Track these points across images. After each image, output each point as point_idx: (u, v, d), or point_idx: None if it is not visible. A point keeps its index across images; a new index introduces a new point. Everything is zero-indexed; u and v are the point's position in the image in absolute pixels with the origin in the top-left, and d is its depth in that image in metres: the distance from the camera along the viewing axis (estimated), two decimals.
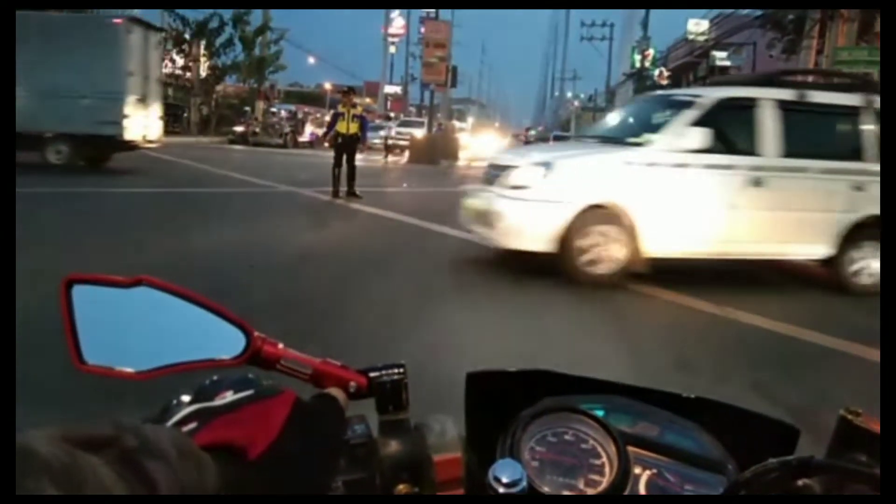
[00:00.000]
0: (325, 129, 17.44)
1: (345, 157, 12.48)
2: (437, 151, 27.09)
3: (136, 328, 0.69)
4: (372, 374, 0.77)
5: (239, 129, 29.29)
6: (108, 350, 0.69)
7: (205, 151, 22.83)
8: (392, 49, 51.21)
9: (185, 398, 0.65)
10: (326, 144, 14.14)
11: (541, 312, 5.71)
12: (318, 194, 12.68)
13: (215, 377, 0.68)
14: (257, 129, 30.16)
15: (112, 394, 1.51)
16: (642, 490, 0.81)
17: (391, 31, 48.57)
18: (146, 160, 17.18)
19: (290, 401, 0.63)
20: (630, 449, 0.83)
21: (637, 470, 0.82)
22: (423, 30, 38.07)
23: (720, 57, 37.20)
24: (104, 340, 0.69)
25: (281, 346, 0.74)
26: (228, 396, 0.62)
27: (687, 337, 5.20)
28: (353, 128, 12.48)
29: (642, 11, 47.72)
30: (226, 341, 0.71)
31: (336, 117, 13.09)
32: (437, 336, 4.71)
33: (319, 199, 12.37)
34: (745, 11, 24.91)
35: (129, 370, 0.69)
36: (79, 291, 0.68)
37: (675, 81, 47.43)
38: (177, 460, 0.42)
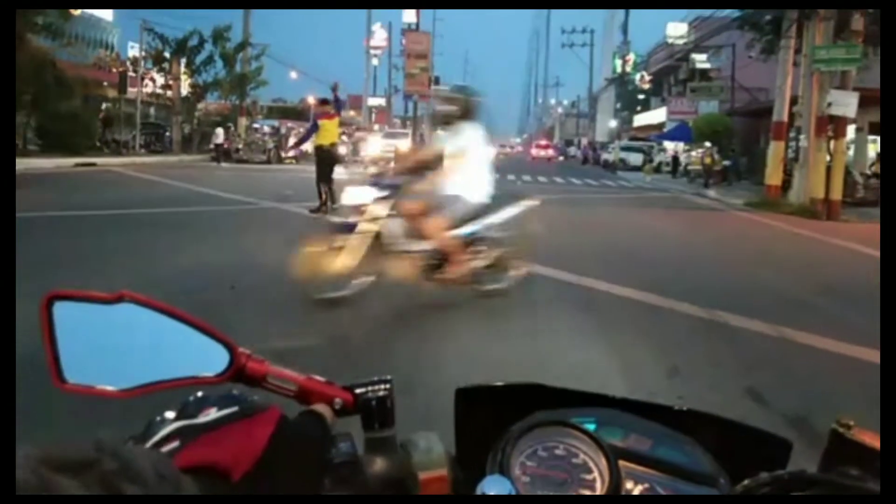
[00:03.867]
0: (297, 140, 17.11)
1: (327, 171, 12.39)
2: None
3: (119, 345, 0.68)
4: (358, 391, 0.76)
5: (219, 141, 28.67)
6: (89, 368, 0.68)
7: (186, 170, 22.53)
8: (374, 61, 51.19)
9: (170, 415, 0.64)
10: (291, 154, 13.60)
11: None
12: (302, 209, 12.58)
13: (199, 393, 0.67)
14: (240, 146, 29.80)
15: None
16: None
17: (373, 43, 48.54)
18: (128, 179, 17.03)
19: (274, 419, 0.62)
20: (621, 463, 0.81)
21: (629, 485, 0.80)
22: (404, 41, 38.20)
23: (700, 59, 37.41)
24: (85, 358, 0.67)
25: (266, 362, 0.73)
26: (212, 413, 0.61)
27: None
28: (333, 137, 12.41)
29: (622, 15, 48.14)
30: (209, 358, 0.70)
31: (311, 131, 13.08)
32: None
33: (303, 214, 12.26)
34: (724, 13, 24.81)
35: (111, 388, 0.67)
36: (60, 308, 0.66)
37: (657, 85, 47.89)
38: (156, 484, 0.41)
